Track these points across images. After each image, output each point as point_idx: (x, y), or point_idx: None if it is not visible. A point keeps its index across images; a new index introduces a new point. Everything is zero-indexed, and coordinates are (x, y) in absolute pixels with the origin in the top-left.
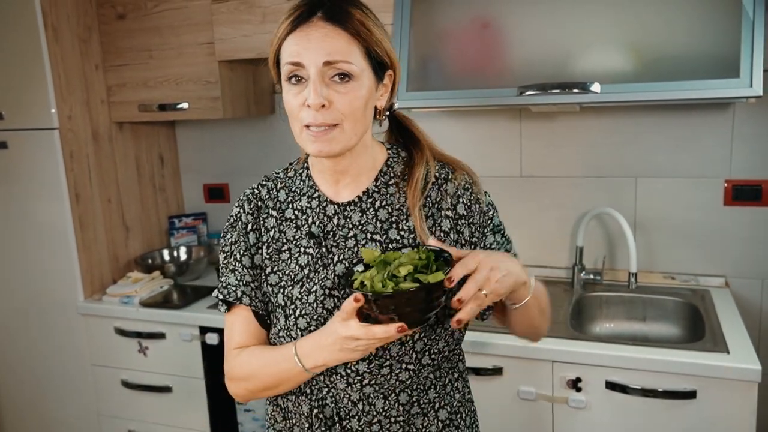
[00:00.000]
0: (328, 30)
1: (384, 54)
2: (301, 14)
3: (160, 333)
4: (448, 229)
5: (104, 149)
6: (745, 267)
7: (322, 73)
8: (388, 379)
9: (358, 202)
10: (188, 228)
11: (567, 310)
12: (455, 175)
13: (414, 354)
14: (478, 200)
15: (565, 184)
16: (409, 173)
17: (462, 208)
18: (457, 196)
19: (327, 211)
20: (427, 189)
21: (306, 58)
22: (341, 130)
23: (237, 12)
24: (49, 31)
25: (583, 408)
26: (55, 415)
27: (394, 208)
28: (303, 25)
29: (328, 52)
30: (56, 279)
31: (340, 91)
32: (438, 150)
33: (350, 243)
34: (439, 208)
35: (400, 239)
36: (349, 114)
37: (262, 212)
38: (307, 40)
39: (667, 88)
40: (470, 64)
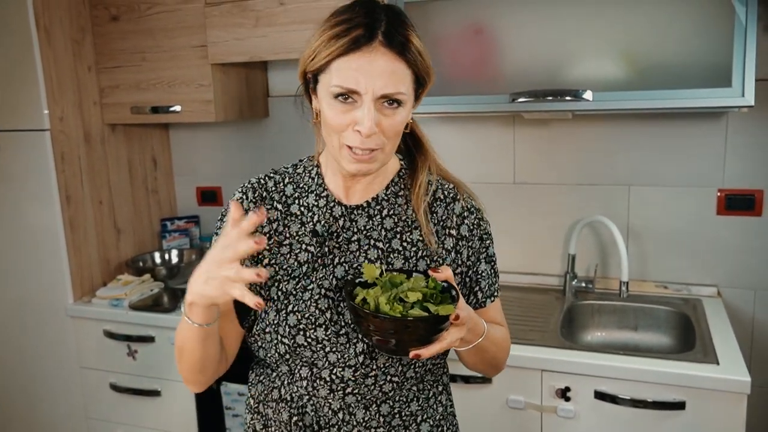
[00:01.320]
0: (390, 58)
1: (428, 76)
2: (361, 36)
3: (150, 336)
4: (450, 248)
5: (96, 151)
6: (738, 277)
7: (376, 101)
8: (372, 390)
9: (367, 207)
10: (180, 231)
11: (558, 318)
12: (461, 196)
13: (400, 366)
14: (479, 225)
15: (558, 192)
16: (412, 178)
17: (465, 229)
18: (463, 216)
19: (334, 211)
20: (429, 195)
21: (364, 86)
22: (382, 152)
23: (230, 15)
24: (42, 33)
25: (572, 418)
26: (43, 417)
27: (401, 219)
28: (364, 48)
29: (388, 83)
30: (46, 281)
31: (388, 116)
32: (443, 167)
33: (353, 247)
34: (444, 226)
35: (402, 250)
36: (392, 137)
37: (266, 203)
38: (369, 68)
39: (659, 97)
40: (463, 70)
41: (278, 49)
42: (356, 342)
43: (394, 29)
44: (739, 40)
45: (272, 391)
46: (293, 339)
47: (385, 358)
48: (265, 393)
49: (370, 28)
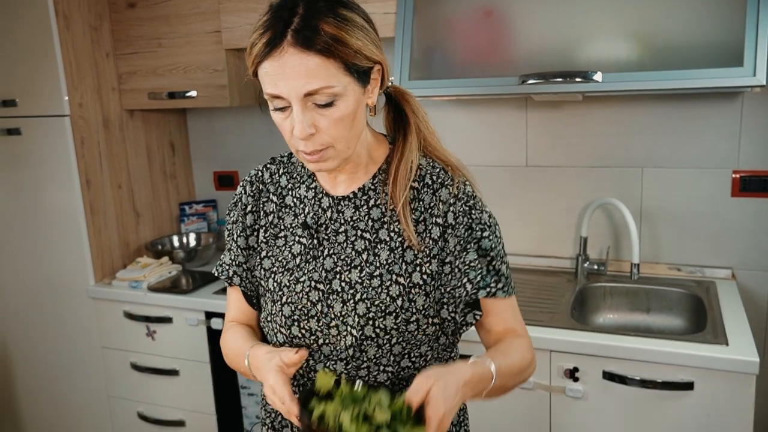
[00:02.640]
0: (300, 58)
1: (365, 60)
2: (272, 37)
3: (168, 317)
4: (437, 237)
5: (115, 136)
6: (752, 259)
7: (304, 102)
8: (366, 380)
9: (353, 197)
10: (198, 215)
11: (569, 300)
12: (453, 181)
13: (392, 356)
14: (469, 213)
15: (571, 174)
16: (389, 166)
17: (451, 216)
18: (449, 203)
19: (322, 203)
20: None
21: (284, 90)
22: (334, 149)
23: (244, 0)
24: (61, 19)
25: (580, 398)
26: (66, 396)
27: (388, 208)
28: (275, 51)
29: (306, 82)
30: (67, 263)
31: (325, 114)
32: (440, 148)
33: (341, 238)
34: (432, 214)
35: (389, 241)
36: (338, 135)
37: (262, 195)
38: (282, 71)
39: (670, 77)
40: (473, 52)
41: None
42: (345, 335)
43: (305, 23)
44: (752, 18)
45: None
46: (289, 329)
47: (375, 348)
48: None
49: (279, 28)
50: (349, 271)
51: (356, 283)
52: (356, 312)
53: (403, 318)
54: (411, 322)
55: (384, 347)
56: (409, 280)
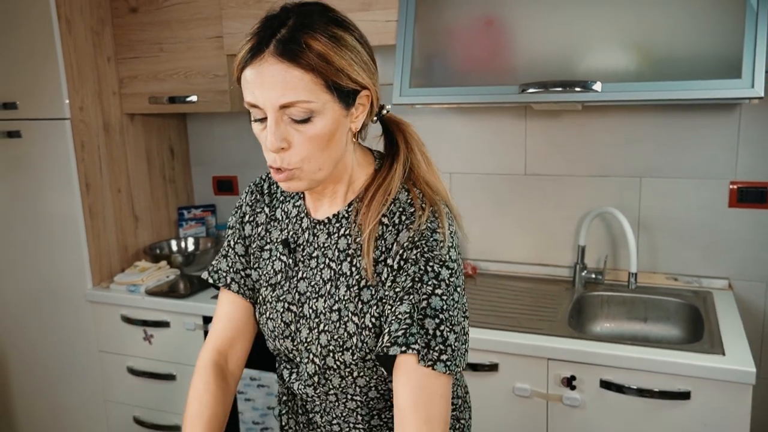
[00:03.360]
0: (279, 68)
1: (348, 81)
2: (253, 46)
3: (165, 321)
4: (384, 278)
5: (115, 140)
6: (749, 269)
7: (279, 115)
8: (337, 406)
9: (327, 223)
10: (197, 219)
11: (566, 309)
12: (418, 224)
13: (357, 387)
14: (424, 264)
15: (570, 183)
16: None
17: (402, 262)
18: (404, 248)
19: (303, 223)
20: (386, 221)
21: (261, 100)
22: (300, 171)
23: (245, 6)
24: (63, 23)
25: (577, 406)
26: (63, 400)
27: (354, 240)
28: (256, 59)
29: (282, 94)
30: (65, 266)
31: (300, 131)
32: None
33: (313, 263)
34: (389, 255)
35: (349, 275)
36: (309, 155)
37: (257, 205)
38: (260, 80)
39: (669, 88)
40: (473, 61)
41: None
42: (308, 363)
43: (291, 35)
44: (750, 30)
45: (278, 366)
46: (274, 342)
47: (338, 378)
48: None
49: (264, 37)
50: (317, 299)
51: (321, 313)
52: (319, 342)
53: (359, 355)
54: (368, 360)
55: (347, 378)
56: (362, 320)
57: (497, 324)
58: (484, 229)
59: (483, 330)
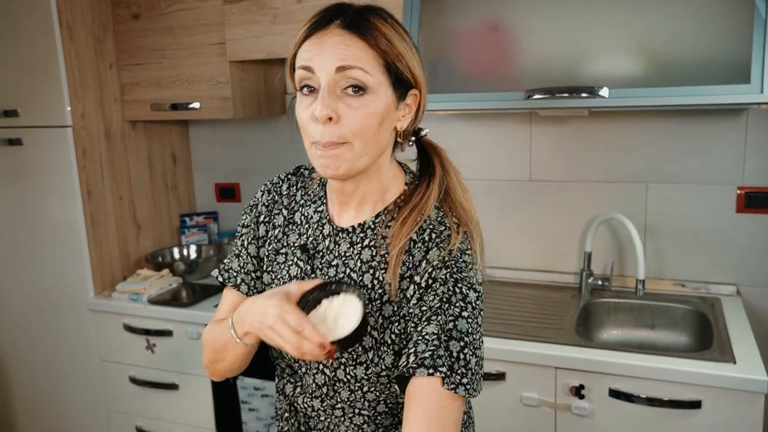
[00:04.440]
0: (344, 37)
1: (406, 69)
2: (319, 20)
3: (168, 330)
4: (410, 296)
5: (117, 147)
6: (758, 275)
7: (334, 82)
8: (343, 421)
9: (351, 232)
10: (199, 227)
11: (574, 316)
12: (449, 244)
13: (366, 402)
14: (453, 285)
15: (575, 189)
16: (398, 208)
17: (430, 281)
18: (434, 266)
19: (324, 229)
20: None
21: (317, 63)
22: (350, 147)
23: (248, 13)
24: (64, 30)
25: (586, 416)
26: (64, 409)
27: (379, 253)
28: (319, 32)
29: (342, 58)
30: (67, 275)
31: (352, 105)
32: (464, 206)
33: (332, 272)
34: (416, 272)
35: (371, 288)
36: (360, 132)
37: (275, 207)
38: (320, 45)
39: (677, 93)
40: (479, 66)
41: None
42: (316, 374)
43: (358, 14)
44: (759, 35)
45: (279, 380)
46: (279, 352)
47: (347, 392)
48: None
49: (333, 13)
50: None
51: None
52: None
53: (373, 371)
54: (382, 376)
55: (356, 393)
56: (382, 336)
57: (504, 332)
58: (489, 235)
59: (489, 338)
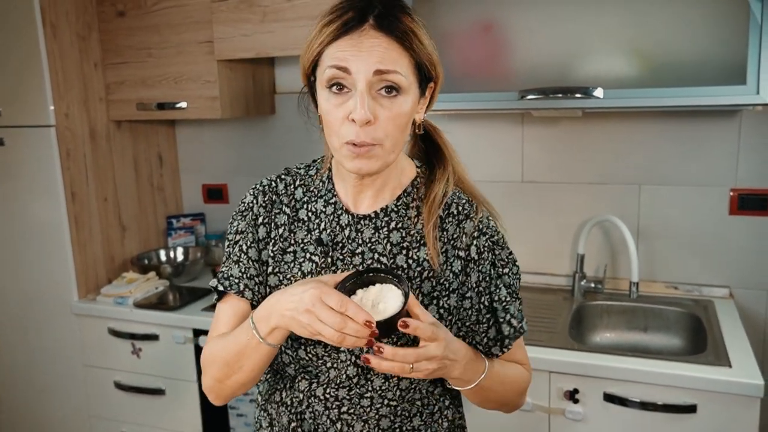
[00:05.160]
0: (381, 40)
1: (432, 67)
2: (351, 19)
3: (154, 335)
4: (458, 271)
5: (102, 148)
6: (750, 278)
7: (370, 84)
8: (368, 411)
9: (374, 217)
10: (186, 228)
11: (566, 319)
12: (477, 215)
13: (398, 391)
14: (492, 249)
15: (567, 191)
16: (427, 190)
17: (474, 251)
18: (473, 237)
19: (341, 220)
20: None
21: (354, 66)
22: (382, 148)
23: (237, 11)
24: (48, 28)
25: (580, 420)
26: (47, 415)
27: (409, 233)
28: (353, 32)
29: (381, 61)
30: (51, 278)
31: (386, 106)
32: (467, 180)
33: (357, 260)
34: (454, 246)
35: (407, 268)
36: (392, 132)
37: (275, 207)
38: (357, 47)
39: (672, 95)
40: (472, 67)
41: (285, 45)
42: (348, 366)
43: (388, 13)
44: (754, 36)
45: (275, 392)
46: (296, 352)
47: (381, 380)
48: (270, 393)
49: (362, 11)
50: None
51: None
52: None
53: None
54: None
55: (391, 380)
56: None
57: None
58: None
59: None
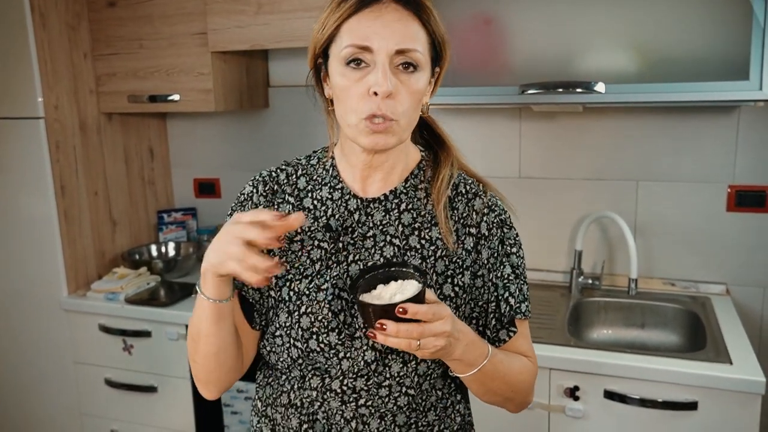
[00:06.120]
0: (402, 14)
1: (444, 45)
2: None
3: (146, 331)
4: (470, 248)
5: (92, 140)
6: (747, 274)
7: (391, 59)
8: (386, 402)
9: (384, 200)
10: (177, 223)
11: (565, 316)
12: (485, 193)
13: (416, 377)
14: (501, 226)
15: (565, 186)
16: (434, 172)
17: (485, 227)
18: (483, 213)
19: (349, 205)
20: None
21: (376, 43)
22: (398, 125)
23: (232, 2)
24: (36, 17)
25: (580, 417)
26: (36, 412)
27: (420, 214)
28: (374, 5)
29: (402, 39)
30: (39, 273)
31: (404, 81)
32: (466, 165)
33: (368, 243)
34: (465, 224)
35: (420, 248)
36: (408, 108)
37: (277, 196)
38: (380, 22)
39: (675, 90)
40: (472, 61)
41: (281, 38)
42: (367, 349)
43: None
44: (757, 32)
45: (281, 395)
46: (306, 343)
47: (399, 365)
48: (274, 396)
49: None
50: None
51: None
52: None
53: None
54: None
55: (409, 364)
56: (439, 291)
57: None
58: None
59: None
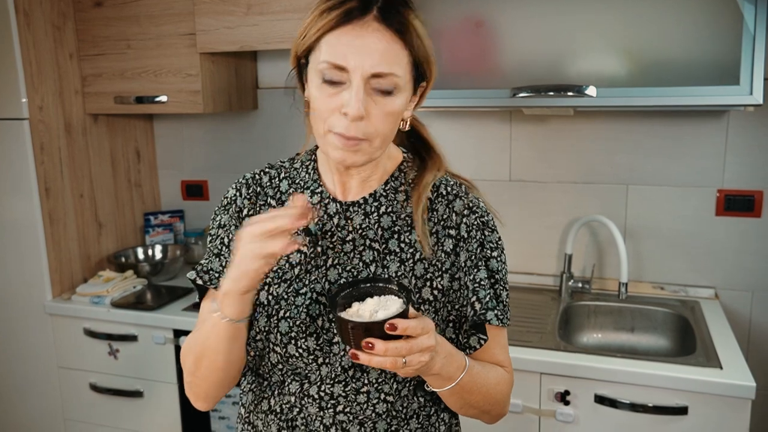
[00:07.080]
0: (384, 35)
1: (428, 66)
2: (354, 8)
3: (132, 335)
4: (449, 250)
5: (77, 142)
6: (736, 279)
7: (366, 81)
8: (364, 409)
9: (363, 204)
10: (164, 226)
11: (555, 320)
12: (466, 194)
13: (395, 383)
14: (481, 229)
15: (555, 190)
16: (418, 177)
17: (464, 229)
18: (463, 215)
19: (328, 208)
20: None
21: (353, 62)
22: (369, 144)
23: (221, 3)
24: (21, 17)
25: (570, 422)
26: (19, 419)
27: (399, 217)
28: (356, 22)
29: (380, 62)
30: (23, 277)
31: (379, 103)
32: (452, 169)
33: (347, 247)
34: (445, 226)
35: (399, 251)
36: (382, 130)
37: (260, 199)
38: (359, 42)
39: (666, 94)
40: (463, 63)
41: (270, 39)
42: (344, 355)
43: (392, 5)
44: (747, 37)
45: (262, 401)
46: (285, 348)
47: (377, 372)
48: (255, 402)
49: (366, 1)
50: None
51: None
52: None
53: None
54: None
55: (388, 371)
56: (419, 295)
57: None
58: None
59: None
